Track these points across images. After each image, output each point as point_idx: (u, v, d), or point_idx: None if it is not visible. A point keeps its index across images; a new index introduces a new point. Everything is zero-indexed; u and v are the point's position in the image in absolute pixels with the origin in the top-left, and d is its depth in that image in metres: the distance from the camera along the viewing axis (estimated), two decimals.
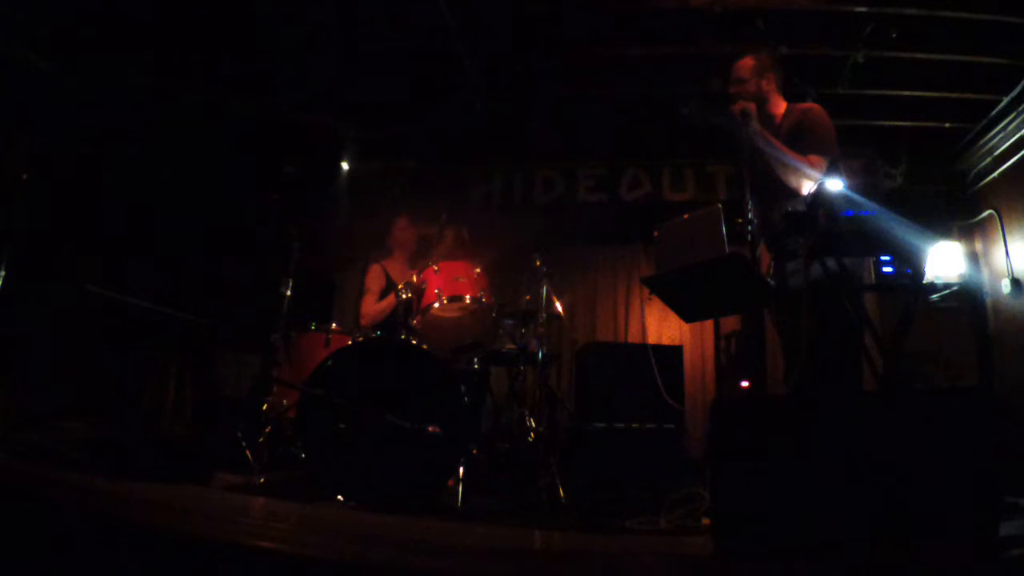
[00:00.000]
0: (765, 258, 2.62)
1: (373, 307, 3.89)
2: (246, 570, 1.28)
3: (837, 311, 2.29)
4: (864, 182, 2.52)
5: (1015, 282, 4.26)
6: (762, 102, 2.74)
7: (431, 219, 3.93)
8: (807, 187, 2.41)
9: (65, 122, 3.70)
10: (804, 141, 2.55)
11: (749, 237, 2.30)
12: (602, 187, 5.45)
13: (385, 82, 4.41)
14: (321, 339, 3.29)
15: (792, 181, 2.50)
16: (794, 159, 2.48)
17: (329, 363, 2.68)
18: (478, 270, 3.30)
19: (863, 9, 3.63)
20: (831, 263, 2.24)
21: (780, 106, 2.81)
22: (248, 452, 3.00)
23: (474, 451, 2.97)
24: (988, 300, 4.51)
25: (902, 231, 2.18)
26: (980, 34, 3.74)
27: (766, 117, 2.75)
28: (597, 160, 5.46)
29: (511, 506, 2.76)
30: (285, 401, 3.12)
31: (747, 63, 2.79)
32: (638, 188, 5.41)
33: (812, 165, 2.45)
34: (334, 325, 3.42)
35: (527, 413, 3.50)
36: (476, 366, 3.57)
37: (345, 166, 4.15)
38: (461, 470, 2.63)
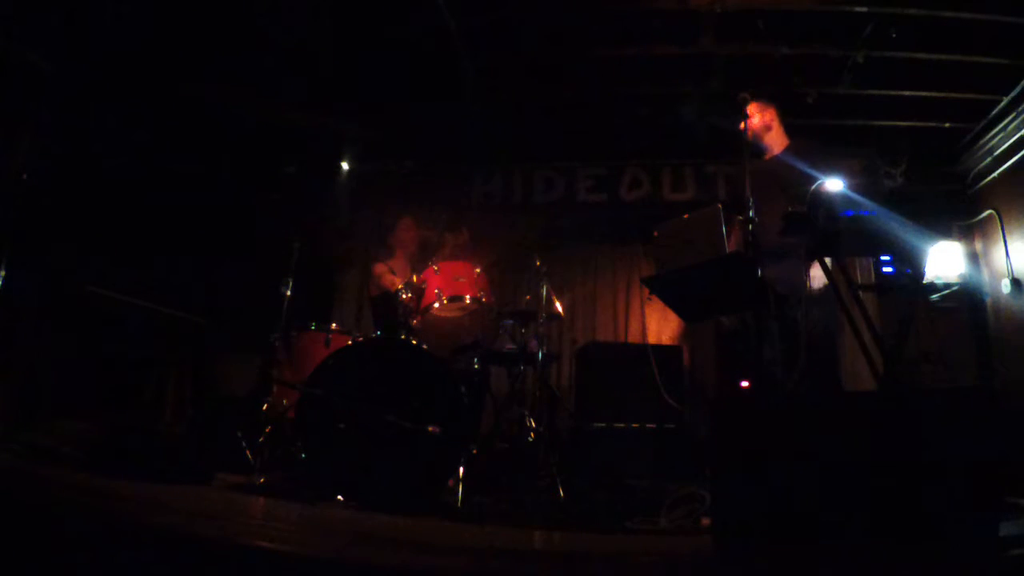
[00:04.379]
0: None
1: (386, 277, 3.91)
2: (246, 570, 1.28)
3: (834, 310, 2.29)
4: (864, 182, 2.51)
5: (1015, 282, 4.26)
6: (765, 131, 3.13)
7: (431, 219, 3.94)
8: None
9: (65, 122, 3.69)
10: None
11: (749, 237, 2.30)
12: (602, 187, 5.45)
13: (385, 82, 4.41)
14: (321, 339, 3.29)
15: None
16: None
17: (329, 363, 2.68)
18: (478, 270, 3.31)
19: (863, 9, 3.64)
20: (830, 262, 2.25)
21: (781, 141, 3.14)
22: (248, 452, 3.01)
23: (474, 451, 2.96)
24: (988, 300, 4.51)
25: (902, 231, 2.18)
26: (980, 34, 3.74)
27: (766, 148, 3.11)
28: (597, 160, 5.45)
29: (511, 506, 2.76)
30: (285, 401, 3.12)
31: (752, 107, 3.07)
32: (638, 188, 5.41)
33: None
34: (334, 325, 3.41)
35: (527, 413, 3.50)
36: (476, 366, 3.57)
37: (345, 166, 4.15)
38: (461, 470, 2.63)
